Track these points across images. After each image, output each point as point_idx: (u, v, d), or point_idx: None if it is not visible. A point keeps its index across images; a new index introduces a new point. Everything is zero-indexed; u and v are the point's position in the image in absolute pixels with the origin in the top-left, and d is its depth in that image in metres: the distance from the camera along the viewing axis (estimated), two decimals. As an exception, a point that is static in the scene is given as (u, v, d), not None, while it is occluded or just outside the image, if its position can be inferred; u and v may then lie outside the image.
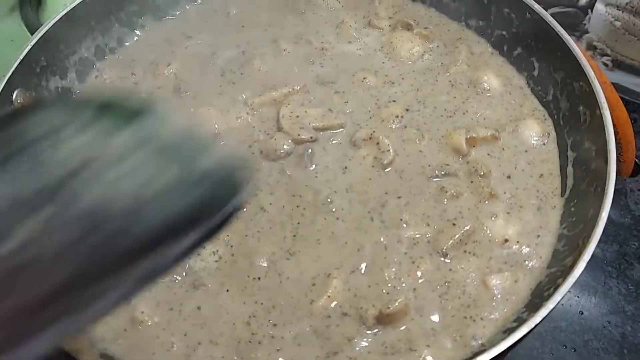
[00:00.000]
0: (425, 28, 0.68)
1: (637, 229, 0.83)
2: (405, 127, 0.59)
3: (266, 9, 0.72)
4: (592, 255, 0.77)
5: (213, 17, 0.72)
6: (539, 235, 0.53)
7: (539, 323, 0.42)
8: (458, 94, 0.62)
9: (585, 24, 0.93)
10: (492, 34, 0.67)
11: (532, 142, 0.59)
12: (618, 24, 0.90)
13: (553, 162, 0.57)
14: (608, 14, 0.90)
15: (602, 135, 0.51)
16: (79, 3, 0.63)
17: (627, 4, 0.88)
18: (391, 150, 0.56)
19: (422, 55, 0.65)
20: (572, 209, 0.53)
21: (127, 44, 0.69)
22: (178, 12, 0.72)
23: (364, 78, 0.63)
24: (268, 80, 0.63)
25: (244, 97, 0.62)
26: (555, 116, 0.60)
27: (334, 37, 0.68)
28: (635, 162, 0.87)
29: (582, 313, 0.76)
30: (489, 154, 0.58)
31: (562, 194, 0.55)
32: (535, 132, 0.59)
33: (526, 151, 0.59)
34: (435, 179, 0.55)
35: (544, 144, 0.59)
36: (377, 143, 0.56)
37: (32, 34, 0.89)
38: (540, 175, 0.57)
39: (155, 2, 0.70)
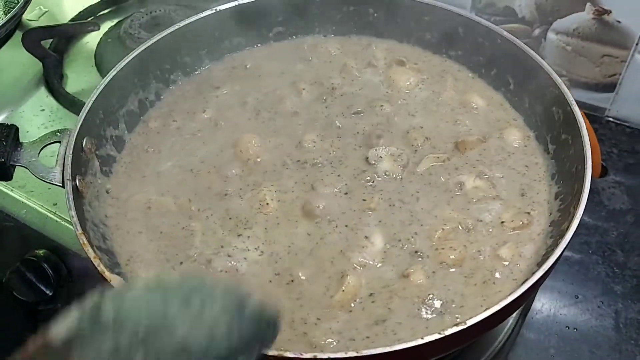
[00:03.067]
0: (415, 63, 0.81)
1: (613, 219, 0.95)
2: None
3: (277, 60, 0.85)
4: (579, 246, 0.89)
5: (233, 71, 0.84)
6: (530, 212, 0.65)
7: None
8: (451, 114, 0.75)
9: (541, 51, 1.08)
10: (470, 60, 0.80)
11: (515, 144, 0.72)
12: (569, 48, 1.06)
13: (536, 155, 0.70)
14: (559, 40, 1.06)
15: (575, 127, 0.63)
16: (124, 65, 0.74)
17: (574, 30, 1.03)
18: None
19: (417, 85, 0.79)
20: (559, 188, 0.65)
21: (163, 97, 0.81)
22: (204, 68, 0.84)
23: (381, 105, 0.75)
24: (303, 115, 0.76)
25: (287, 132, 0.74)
26: (533, 119, 0.73)
27: (340, 78, 0.81)
28: (602, 164, 1.01)
29: (577, 297, 0.87)
30: (480, 154, 0.70)
31: (551, 177, 0.67)
32: (517, 136, 0.72)
33: (512, 152, 0.71)
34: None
35: (526, 146, 0.72)
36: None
37: (59, 102, 1.00)
38: (526, 166, 0.69)
39: (183, 60, 0.82)
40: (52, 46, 1.08)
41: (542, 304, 0.84)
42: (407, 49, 0.84)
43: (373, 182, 0.68)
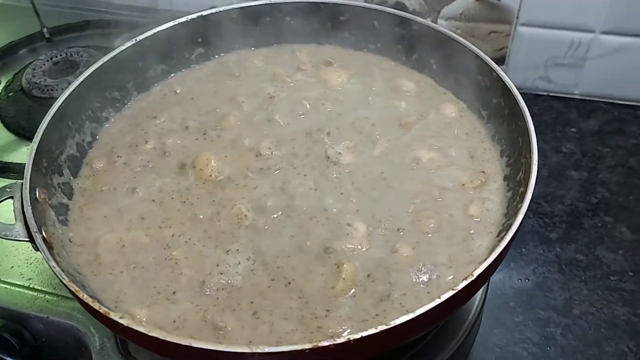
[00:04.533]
0: (341, 62, 0.85)
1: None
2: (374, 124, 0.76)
3: (206, 81, 0.85)
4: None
5: (165, 98, 0.83)
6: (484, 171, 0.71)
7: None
8: (387, 100, 0.80)
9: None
10: (390, 50, 0.86)
11: (452, 116, 0.78)
12: (459, 31, 1.16)
13: (473, 122, 0.76)
14: (450, 25, 1.15)
15: (505, 89, 0.70)
16: (54, 112, 0.71)
17: (460, 14, 1.14)
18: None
19: (349, 81, 0.83)
20: (503, 146, 0.72)
21: (99, 136, 0.78)
22: (134, 101, 0.82)
23: (322, 104, 0.78)
24: (250, 126, 0.77)
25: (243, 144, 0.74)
26: (462, 91, 0.79)
27: (274, 87, 0.83)
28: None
29: (521, 251, 0.95)
30: (424, 130, 0.76)
31: (492, 139, 0.74)
32: (452, 109, 0.78)
33: (450, 123, 0.77)
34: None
35: (462, 116, 0.78)
36: None
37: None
38: (467, 134, 0.76)
39: (112, 96, 0.80)
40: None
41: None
42: (329, 50, 0.87)
43: (340, 174, 0.70)
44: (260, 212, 0.67)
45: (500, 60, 1.18)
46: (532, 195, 0.59)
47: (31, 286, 0.76)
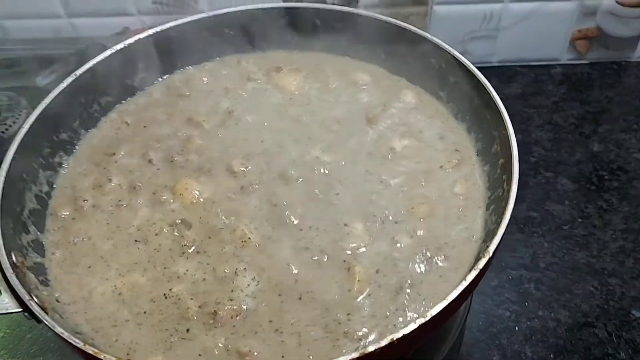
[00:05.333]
0: (291, 65, 0.85)
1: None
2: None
3: (156, 106, 0.81)
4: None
5: (118, 132, 0.78)
6: (457, 150, 0.74)
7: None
8: (347, 95, 0.80)
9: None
10: (335, 46, 0.86)
11: (412, 101, 0.80)
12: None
13: (433, 104, 0.79)
14: (371, 12, 1.18)
15: (462, 67, 0.73)
16: (8, 166, 0.65)
17: (379, 1, 1.16)
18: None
19: (304, 82, 0.82)
20: (468, 124, 0.75)
21: (56, 184, 0.72)
22: (83, 140, 0.77)
23: (285, 111, 0.77)
24: (217, 145, 0.75)
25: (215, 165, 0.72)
26: (416, 77, 0.81)
27: (229, 101, 0.81)
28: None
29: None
30: (390, 119, 0.77)
31: (455, 118, 0.77)
32: (410, 95, 0.80)
33: (413, 109, 0.79)
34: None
35: (422, 101, 0.80)
36: None
37: None
38: (430, 117, 0.78)
39: (60, 138, 0.74)
40: None
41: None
42: (275, 55, 0.86)
43: (323, 177, 0.70)
44: (255, 230, 0.65)
45: (421, 40, 1.22)
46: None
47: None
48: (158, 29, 0.81)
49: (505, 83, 1.25)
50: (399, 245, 0.64)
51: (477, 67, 1.22)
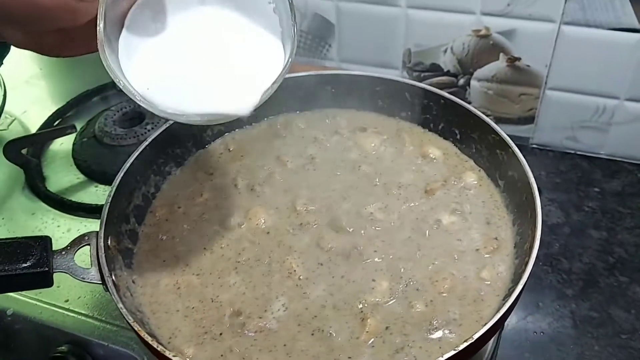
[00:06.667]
0: (375, 128, 0.96)
1: (554, 233, 1.12)
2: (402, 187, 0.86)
3: (255, 140, 0.97)
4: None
5: (219, 156, 0.95)
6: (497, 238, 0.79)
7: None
8: (416, 165, 0.90)
9: (467, 97, 1.26)
10: (419, 118, 0.95)
11: (472, 183, 0.87)
12: (491, 92, 1.24)
13: (491, 190, 0.85)
14: (482, 86, 1.24)
15: (518, 165, 0.79)
16: (128, 166, 0.84)
17: (492, 76, 1.22)
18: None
19: (380, 145, 0.93)
20: (514, 215, 0.80)
21: (162, 188, 0.90)
22: (192, 156, 0.95)
23: (359, 166, 0.89)
24: (292, 184, 0.87)
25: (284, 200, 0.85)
26: (482, 161, 0.88)
27: (315, 148, 0.93)
28: (535, 186, 1.18)
29: (538, 305, 1.02)
30: (445, 195, 0.85)
31: (506, 208, 0.83)
32: (473, 177, 0.87)
33: (470, 190, 0.86)
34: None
35: (481, 185, 0.87)
36: None
37: (46, 203, 1.06)
38: (483, 202, 0.84)
39: (174, 152, 0.92)
40: (30, 152, 1.15)
41: (511, 317, 0.98)
42: (364, 116, 0.98)
43: (370, 233, 0.80)
44: (301, 265, 0.77)
45: (529, 120, 1.26)
46: (541, 258, 0.65)
47: (95, 316, 0.89)
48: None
49: (608, 177, 1.24)
50: (413, 309, 0.72)
51: (584, 155, 1.25)
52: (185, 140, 0.94)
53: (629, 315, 1.01)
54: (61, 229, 1.03)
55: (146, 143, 0.87)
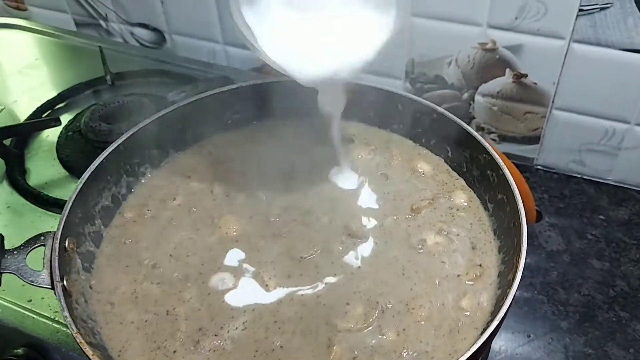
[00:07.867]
0: (364, 139, 0.91)
1: (552, 260, 1.06)
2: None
3: (236, 146, 0.92)
4: (525, 287, 0.99)
5: (200, 161, 0.90)
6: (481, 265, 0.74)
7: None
8: (404, 179, 0.84)
9: (471, 112, 1.21)
10: (411, 132, 0.90)
11: (462, 204, 0.81)
12: (495, 108, 1.18)
13: (479, 213, 0.79)
14: (486, 102, 1.18)
15: (508, 189, 0.73)
16: (96, 166, 0.79)
17: (498, 92, 1.16)
18: None
19: (368, 155, 0.88)
20: (501, 242, 0.75)
21: (134, 189, 0.86)
22: (169, 158, 0.90)
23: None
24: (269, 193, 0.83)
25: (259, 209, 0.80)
26: (472, 181, 0.82)
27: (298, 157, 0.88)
28: (536, 209, 1.12)
29: (529, 336, 0.96)
30: (432, 213, 0.80)
31: (494, 233, 0.77)
32: (463, 198, 0.81)
33: (459, 211, 0.80)
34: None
35: (470, 207, 0.81)
36: None
37: (24, 197, 1.03)
38: (471, 224, 0.79)
39: (151, 153, 0.88)
40: (13, 143, 1.12)
41: (500, 346, 0.92)
42: (355, 126, 0.93)
43: (352, 251, 0.75)
44: (273, 278, 0.72)
45: (534, 140, 1.19)
46: (536, 287, 0.59)
47: (56, 319, 0.84)
48: (260, 81, 0.92)
49: (614, 205, 1.17)
50: (384, 337, 0.66)
51: (590, 180, 1.19)
52: (164, 141, 0.89)
53: (627, 353, 0.94)
54: (35, 224, 0.99)
55: (120, 141, 0.83)
